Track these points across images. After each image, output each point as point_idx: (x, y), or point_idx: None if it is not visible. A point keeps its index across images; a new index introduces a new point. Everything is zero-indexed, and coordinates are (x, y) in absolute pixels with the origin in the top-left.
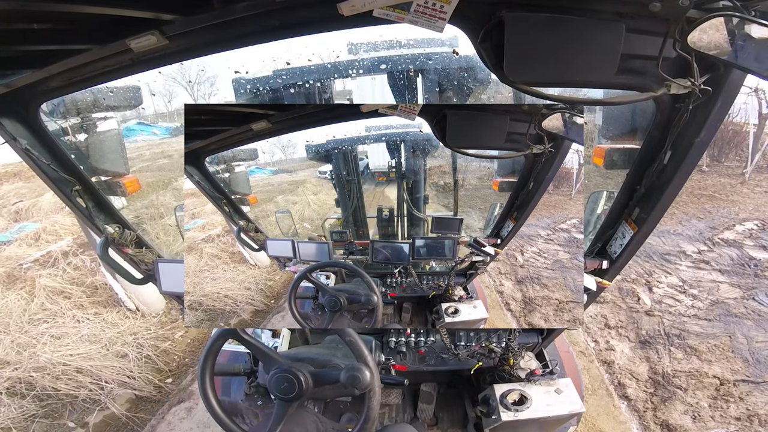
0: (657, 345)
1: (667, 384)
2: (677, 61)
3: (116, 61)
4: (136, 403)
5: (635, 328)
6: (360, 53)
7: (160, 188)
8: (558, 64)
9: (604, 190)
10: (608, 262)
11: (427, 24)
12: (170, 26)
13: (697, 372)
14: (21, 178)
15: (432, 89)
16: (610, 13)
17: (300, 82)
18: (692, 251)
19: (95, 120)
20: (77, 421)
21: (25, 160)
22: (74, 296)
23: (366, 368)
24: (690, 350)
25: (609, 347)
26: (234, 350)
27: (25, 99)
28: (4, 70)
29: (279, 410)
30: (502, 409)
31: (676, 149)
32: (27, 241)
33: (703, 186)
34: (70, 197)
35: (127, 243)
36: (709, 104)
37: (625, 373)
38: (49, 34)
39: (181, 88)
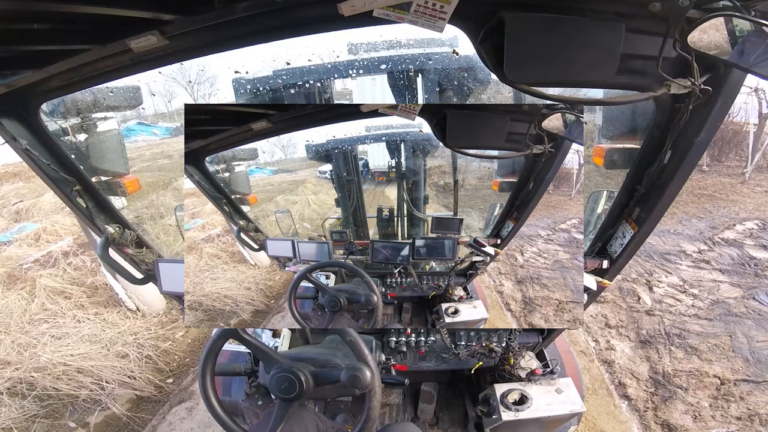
0: (657, 344)
1: (668, 383)
2: (677, 60)
3: (116, 61)
4: (137, 403)
5: (636, 328)
6: (360, 53)
7: (160, 188)
8: (558, 64)
9: (605, 190)
10: (608, 261)
11: (427, 24)
12: (170, 26)
13: (697, 371)
14: (21, 178)
15: (432, 89)
16: (610, 13)
17: (300, 82)
18: (693, 251)
19: (95, 120)
20: (78, 421)
21: (26, 160)
22: (75, 296)
23: (366, 368)
24: (690, 350)
25: (609, 347)
26: (235, 350)
27: (26, 99)
28: (4, 70)
29: (279, 410)
30: (502, 408)
31: (677, 149)
32: (27, 241)
33: (704, 186)
34: (70, 197)
35: (127, 243)
36: (709, 104)
37: (625, 372)
38: (49, 34)
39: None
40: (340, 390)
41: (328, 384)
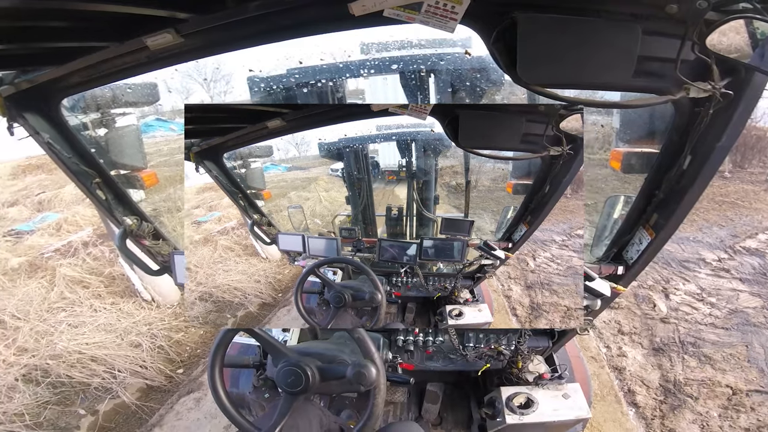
0: (671, 352)
1: (678, 392)
2: (696, 63)
3: (133, 59)
4: (147, 392)
5: (649, 335)
6: (372, 53)
7: (177, 183)
8: (572, 65)
9: (622, 195)
10: (624, 267)
11: (438, 24)
12: (185, 25)
13: (709, 381)
14: (44, 170)
15: (444, 90)
16: (626, 14)
17: (312, 81)
18: (712, 259)
19: (114, 115)
20: (88, 408)
21: (48, 153)
22: (92, 286)
23: (372, 365)
24: (704, 359)
25: (621, 353)
26: (245, 342)
27: (47, 94)
28: (27, 66)
29: (285, 403)
30: (507, 411)
31: (696, 154)
32: (49, 230)
33: (725, 192)
34: (90, 189)
35: (144, 235)
36: (731, 108)
37: (635, 379)
38: (70, 32)
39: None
40: (345, 386)
41: (333, 379)
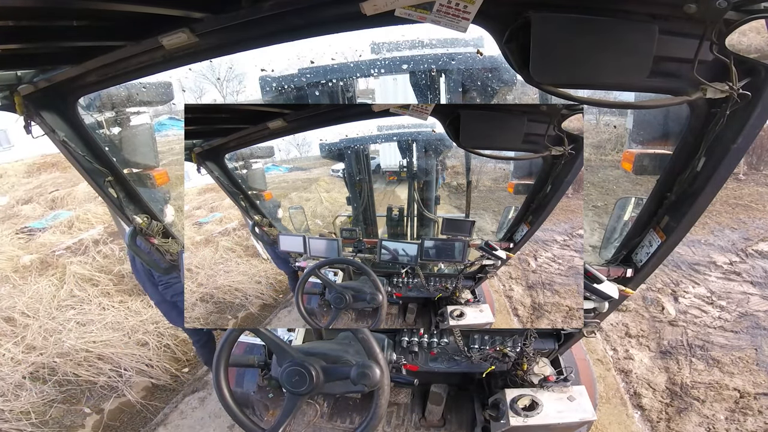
0: (678, 355)
1: (685, 395)
2: (714, 63)
3: (149, 58)
4: (152, 391)
5: (657, 338)
6: (382, 52)
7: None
8: (587, 65)
9: (632, 196)
10: (633, 270)
11: (450, 24)
12: (200, 24)
13: (717, 384)
14: (58, 168)
15: (455, 89)
16: (642, 14)
17: (323, 81)
18: (723, 262)
19: (129, 114)
20: (93, 407)
21: (62, 152)
22: (102, 284)
23: (376, 366)
24: (712, 362)
25: (628, 356)
26: (250, 342)
27: (64, 93)
28: (45, 65)
29: (289, 403)
30: (511, 413)
31: (711, 156)
32: (61, 228)
33: (739, 195)
34: (102, 187)
35: (154, 233)
36: (748, 109)
37: (642, 382)
38: (87, 32)
39: (211, 84)
40: (349, 386)
41: (337, 379)
